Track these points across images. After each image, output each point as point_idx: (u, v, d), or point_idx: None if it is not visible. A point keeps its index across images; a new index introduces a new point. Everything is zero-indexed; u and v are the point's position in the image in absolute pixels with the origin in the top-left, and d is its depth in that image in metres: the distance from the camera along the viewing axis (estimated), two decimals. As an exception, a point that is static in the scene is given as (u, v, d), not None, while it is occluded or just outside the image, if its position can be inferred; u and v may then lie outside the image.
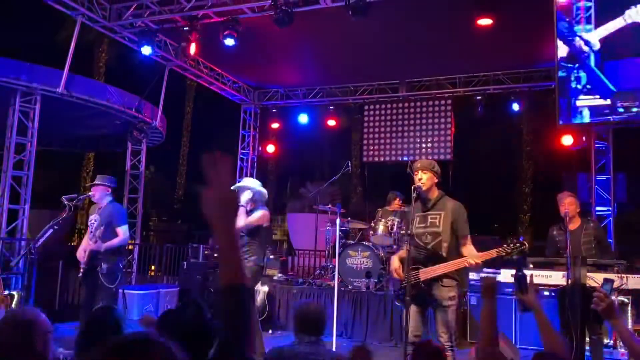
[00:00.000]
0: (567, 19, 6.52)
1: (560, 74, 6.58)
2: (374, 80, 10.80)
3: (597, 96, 6.38)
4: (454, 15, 7.54)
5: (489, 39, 8.13)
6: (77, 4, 7.71)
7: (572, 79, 6.48)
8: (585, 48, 6.36)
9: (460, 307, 7.09)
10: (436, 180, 4.21)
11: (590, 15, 6.43)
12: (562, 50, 6.52)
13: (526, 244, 4.04)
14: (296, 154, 21.09)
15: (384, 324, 6.94)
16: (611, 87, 6.30)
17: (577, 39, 6.41)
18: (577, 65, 6.44)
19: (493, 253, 3.97)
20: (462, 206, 4.20)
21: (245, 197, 5.20)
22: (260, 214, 5.27)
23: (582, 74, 6.41)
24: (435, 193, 4.20)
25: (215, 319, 1.62)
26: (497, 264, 7.73)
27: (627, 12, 6.28)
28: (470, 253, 4.04)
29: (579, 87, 6.43)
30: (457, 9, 7.29)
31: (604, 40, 6.36)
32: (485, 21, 7.03)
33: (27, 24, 18.04)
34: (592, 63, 6.35)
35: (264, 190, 5.46)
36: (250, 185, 5.35)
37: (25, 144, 8.14)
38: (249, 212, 5.20)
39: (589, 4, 6.46)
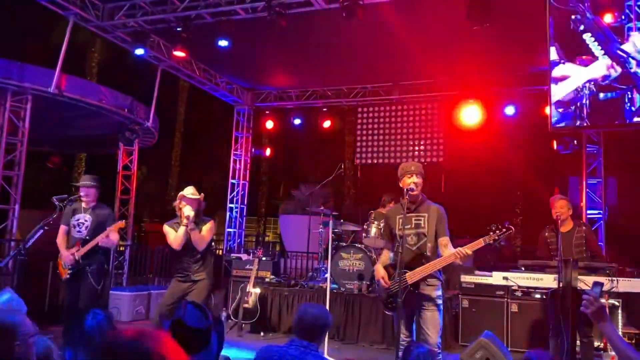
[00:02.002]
0: (619, 40, 6.45)
1: (610, 95, 6.45)
2: (368, 82, 10.81)
3: None
4: (447, 18, 7.57)
5: (482, 42, 8.17)
6: (70, 3, 7.67)
7: (626, 100, 6.34)
8: (639, 69, 6.29)
9: (452, 310, 7.12)
10: (422, 185, 4.25)
11: None
12: (615, 71, 6.41)
13: (512, 228, 4.00)
14: (289, 155, 21.09)
15: (376, 326, 6.94)
16: None
17: (631, 59, 6.34)
18: (630, 86, 6.32)
19: (480, 242, 3.95)
20: (442, 208, 4.26)
21: (193, 207, 5.13)
22: (211, 225, 5.28)
23: (636, 95, 6.29)
24: (419, 196, 4.24)
25: None
26: (488, 266, 7.77)
27: None
28: (452, 251, 4.05)
29: (633, 108, 6.30)
30: (450, 11, 7.31)
31: None
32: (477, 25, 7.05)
33: (19, 23, 17.92)
34: None
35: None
36: (198, 197, 5.23)
37: (15, 144, 8.08)
38: (197, 223, 5.16)
39: None
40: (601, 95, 6.49)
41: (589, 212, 8.40)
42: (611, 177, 8.81)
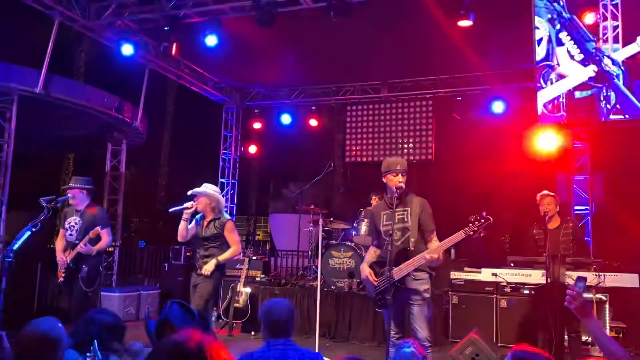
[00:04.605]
0: (595, 39, 6.51)
1: (586, 93, 6.52)
2: (356, 80, 10.83)
3: (627, 116, 6.37)
4: (435, 16, 7.59)
5: (469, 39, 8.21)
6: (55, 2, 7.60)
7: (601, 98, 6.44)
8: (614, 67, 6.36)
9: (442, 306, 7.17)
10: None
11: (617, 34, 6.43)
12: (591, 69, 6.50)
13: (490, 218, 4.02)
14: (278, 154, 21.03)
15: (367, 324, 6.97)
16: None
17: (605, 58, 6.41)
18: (605, 84, 6.41)
19: (461, 234, 3.97)
20: (426, 201, 4.26)
21: (203, 203, 5.09)
22: (224, 225, 5.10)
23: (611, 94, 6.38)
24: (402, 191, 4.24)
25: None
26: (478, 263, 7.81)
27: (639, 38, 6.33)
28: (431, 247, 4.07)
29: (609, 106, 6.40)
30: (438, 10, 7.34)
31: (627, 62, 6.36)
32: (465, 22, 7.08)
33: (4, 22, 17.73)
34: (621, 82, 6.34)
35: (222, 199, 5.32)
36: (210, 192, 5.16)
37: (2, 145, 8.00)
38: (210, 222, 5.09)
39: (616, 23, 6.47)
40: (577, 93, 6.58)
41: (576, 208, 8.48)
42: (598, 172, 8.89)
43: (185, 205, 5.10)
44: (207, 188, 5.19)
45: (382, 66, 9.76)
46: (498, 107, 10.12)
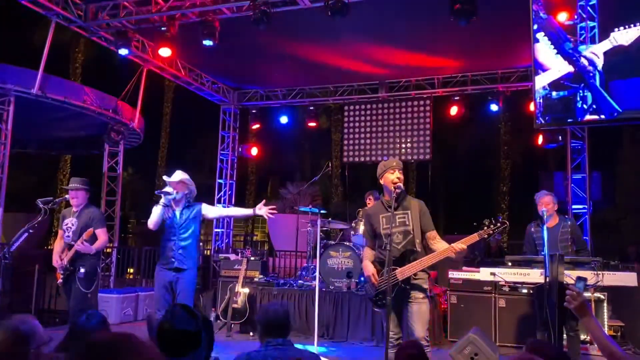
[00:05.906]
0: (572, 39, 6.54)
1: (563, 93, 6.56)
2: (354, 81, 10.82)
3: (603, 116, 6.41)
4: (433, 16, 7.59)
5: (467, 40, 8.22)
6: (52, 3, 7.58)
7: (578, 98, 6.47)
8: (590, 68, 6.39)
9: (440, 305, 7.17)
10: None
11: (594, 34, 6.46)
12: (568, 69, 6.53)
13: (507, 222, 4.05)
14: (276, 154, 21.07)
15: (365, 324, 6.96)
16: (616, 107, 6.29)
17: (582, 58, 6.43)
18: (582, 85, 6.45)
19: (475, 237, 3.96)
20: (423, 203, 4.26)
21: (183, 190, 5.02)
22: (197, 210, 5.12)
23: (588, 94, 6.42)
24: (401, 192, 4.22)
25: None
26: (476, 262, 7.82)
27: (612, 34, 6.34)
28: (444, 245, 4.06)
29: (585, 106, 6.44)
30: (436, 10, 7.34)
31: (605, 56, 6.38)
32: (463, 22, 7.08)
33: (0, 23, 17.69)
34: (598, 83, 6.37)
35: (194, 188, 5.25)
36: (186, 179, 5.09)
37: (-1, 146, 7.98)
38: (184, 209, 5.03)
39: (593, 23, 6.50)
40: (554, 93, 6.61)
41: (574, 207, 8.48)
42: (596, 171, 8.91)
43: (167, 189, 5.01)
44: (182, 175, 5.10)
45: (380, 66, 9.75)
46: (495, 106, 10.11)
